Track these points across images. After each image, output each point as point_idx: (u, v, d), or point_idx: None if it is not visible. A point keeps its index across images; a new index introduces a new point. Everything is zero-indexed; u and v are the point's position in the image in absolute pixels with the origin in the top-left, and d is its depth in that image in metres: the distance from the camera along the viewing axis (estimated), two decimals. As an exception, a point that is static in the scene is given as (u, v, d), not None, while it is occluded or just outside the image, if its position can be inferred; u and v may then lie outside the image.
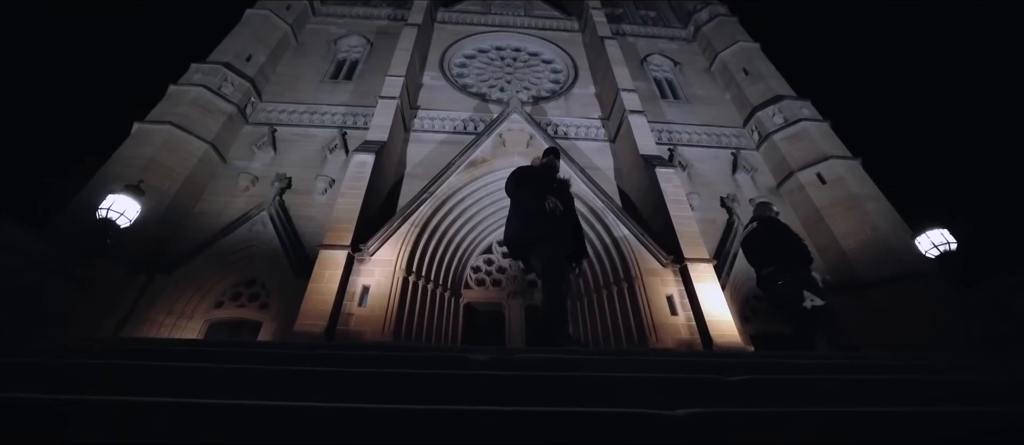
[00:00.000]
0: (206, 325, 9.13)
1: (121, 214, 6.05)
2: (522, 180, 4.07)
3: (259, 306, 9.35)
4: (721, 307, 7.90)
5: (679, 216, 9.36)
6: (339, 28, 17.57)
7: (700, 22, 19.09)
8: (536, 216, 3.68)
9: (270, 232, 9.99)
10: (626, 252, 8.84)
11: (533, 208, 3.71)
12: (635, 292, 8.29)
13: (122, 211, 6.08)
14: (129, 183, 8.30)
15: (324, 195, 11.17)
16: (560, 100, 15.35)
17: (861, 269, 10.18)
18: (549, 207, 3.61)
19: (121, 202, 6.06)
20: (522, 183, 4.03)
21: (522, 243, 3.91)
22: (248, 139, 12.56)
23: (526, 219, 3.77)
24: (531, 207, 3.74)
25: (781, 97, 14.41)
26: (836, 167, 11.98)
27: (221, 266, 9.69)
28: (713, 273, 8.46)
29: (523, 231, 3.81)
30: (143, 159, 10.20)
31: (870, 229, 10.55)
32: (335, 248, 7.89)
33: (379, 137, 10.97)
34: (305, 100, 14.12)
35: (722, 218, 11.91)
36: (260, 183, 11.40)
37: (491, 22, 18.98)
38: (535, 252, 3.82)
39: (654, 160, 11.04)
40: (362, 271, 7.87)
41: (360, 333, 7.11)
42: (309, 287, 7.37)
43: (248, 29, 14.94)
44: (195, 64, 13.03)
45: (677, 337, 7.66)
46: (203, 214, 10.75)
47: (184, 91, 12.05)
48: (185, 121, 11.27)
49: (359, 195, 8.97)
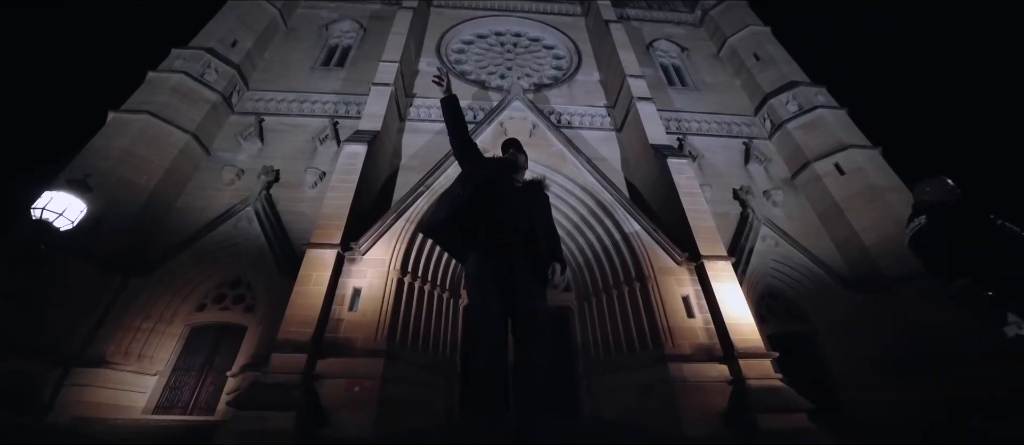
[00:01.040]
0: (187, 330, 8.52)
1: (60, 214, 5.05)
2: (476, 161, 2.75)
3: (244, 308, 8.74)
4: (742, 309, 7.33)
5: (694, 210, 8.74)
6: (331, 12, 16.72)
7: (707, 6, 18.29)
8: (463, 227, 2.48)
9: (256, 229, 9.34)
10: (637, 249, 8.23)
11: (459, 215, 2.47)
12: (648, 293, 7.70)
13: (61, 210, 5.08)
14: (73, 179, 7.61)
15: (314, 188, 10.51)
16: (563, 87, 14.63)
17: (884, 265, 9.59)
18: (482, 238, 2.41)
19: (61, 200, 5.11)
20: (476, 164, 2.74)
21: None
22: (234, 129, 11.85)
23: (446, 222, 2.52)
24: (457, 208, 2.49)
25: (795, 83, 13.72)
26: (855, 157, 11.35)
27: (204, 266, 9.06)
28: (731, 271, 7.87)
29: (442, 236, 2.67)
30: (118, 151, 9.50)
31: (893, 223, 9.94)
32: (323, 247, 7.26)
33: (372, 126, 10.28)
34: (295, 88, 13.36)
35: (735, 211, 11.31)
36: (246, 176, 10.73)
37: (490, 6, 18.13)
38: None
39: (665, 150, 10.38)
40: (353, 272, 7.25)
41: (351, 341, 6.51)
42: (294, 290, 6.75)
43: (234, 13, 14.10)
44: (176, 50, 12.25)
45: (694, 341, 7.09)
46: (185, 209, 10.08)
47: (164, 78, 11.29)
48: (165, 110, 10.54)
49: (350, 189, 8.32)
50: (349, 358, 6.34)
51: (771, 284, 10.06)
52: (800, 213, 11.63)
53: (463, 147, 2.77)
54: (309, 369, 6.08)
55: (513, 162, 2.86)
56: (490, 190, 2.53)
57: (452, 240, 2.56)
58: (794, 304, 9.88)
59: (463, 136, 2.79)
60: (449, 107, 2.88)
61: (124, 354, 7.74)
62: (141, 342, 7.97)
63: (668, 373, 6.68)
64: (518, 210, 2.52)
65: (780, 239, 10.41)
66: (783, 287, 10.03)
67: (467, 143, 2.79)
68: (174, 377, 8.10)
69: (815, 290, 9.75)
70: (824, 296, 9.69)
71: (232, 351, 8.24)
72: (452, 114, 2.85)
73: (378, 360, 6.31)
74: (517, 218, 2.47)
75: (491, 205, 2.46)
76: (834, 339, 9.20)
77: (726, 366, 6.82)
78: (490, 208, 2.45)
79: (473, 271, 2.35)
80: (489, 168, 2.70)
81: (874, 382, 8.57)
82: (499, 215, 2.44)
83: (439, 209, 2.57)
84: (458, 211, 2.44)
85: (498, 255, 2.32)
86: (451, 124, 2.80)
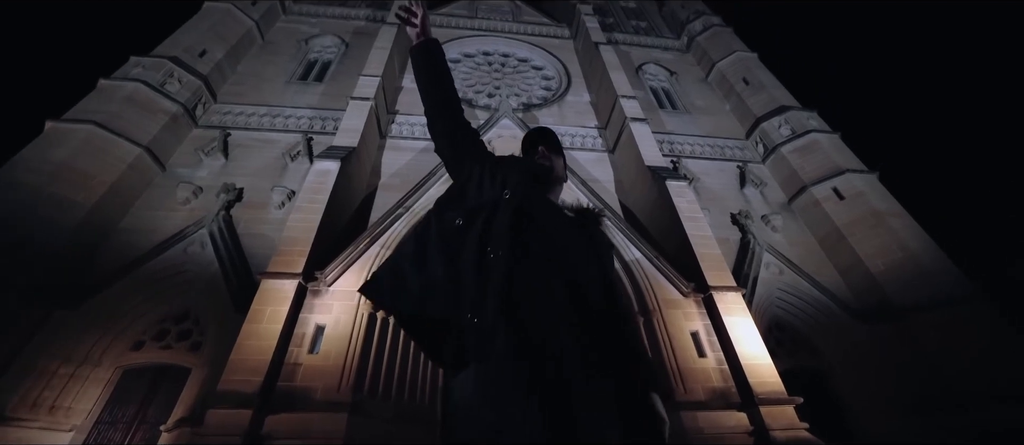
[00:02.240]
0: (118, 373, 7.23)
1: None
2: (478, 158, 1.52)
3: (189, 347, 7.53)
4: (757, 346, 6.58)
5: (698, 235, 8.10)
6: (312, 27, 16.06)
7: (694, 33, 18.43)
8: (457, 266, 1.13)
9: (209, 254, 8.23)
10: (640, 279, 7.47)
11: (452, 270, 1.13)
12: (653, 328, 6.89)
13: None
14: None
15: (281, 209, 9.48)
16: (553, 107, 14.15)
17: (893, 292, 9.08)
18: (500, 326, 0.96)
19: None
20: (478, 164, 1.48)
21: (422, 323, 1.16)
22: (195, 144, 10.80)
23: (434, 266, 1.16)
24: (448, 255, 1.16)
25: (786, 107, 13.58)
26: (854, 181, 11.04)
27: (145, 296, 7.85)
28: (742, 303, 7.17)
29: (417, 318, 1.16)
30: (52, 164, 8.35)
31: (899, 249, 9.53)
32: (281, 277, 6.24)
33: (348, 142, 9.43)
34: (268, 102, 12.46)
35: (734, 237, 10.74)
36: (205, 195, 9.65)
37: (478, 26, 17.85)
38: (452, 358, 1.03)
39: (663, 172, 9.84)
40: (316, 306, 6.22)
41: (309, 390, 5.44)
42: (243, 329, 5.68)
43: (206, 22, 13.27)
44: (136, 57, 11.25)
45: (707, 385, 6.27)
46: (130, 231, 8.89)
47: (117, 86, 10.26)
48: (113, 121, 9.47)
49: (318, 210, 7.38)
50: (306, 412, 5.25)
51: (777, 315, 9.39)
52: (801, 238, 11.16)
53: (452, 131, 1.56)
54: (254, 428, 4.97)
55: (546, 170, 1.57)
56: (511, 218, 1.17)
57: (435, 327, 1.11)
58: (803, 337, 9.21)
59: (452, 110, 1.59)
60: (426, 59, 1.63)
61: (31, 406, 6.41)
62: (57, 390, 6.64)
63: (680, 424, 5.80)
64: (571, 262, 1.17)
65: (784, 266, 9.84)
66: (790, 318, 9.37)
67: (462, 125, 1.58)
68: (96, 432, 6.76)
69: (825, 321, 9.12)
70: (835, 328, 9.06)
71: (171, 399, 6.97)
72: (433, 71, 1.61)
73: (341, 416, 5.24)
74: (569, 277, 1.12)
75: (515, 249, 1.09)
76: (849, 374, 8.52)
77: (745, 414, 5.99)
78: (514, 254, 1.08)
79: (480, 390, 0.91)
80: (504, 172, 1.38)
81: (895, 424, 7.87)
82: (534, 272, 1.08)
83: (404, 260, 1.20)
84: (449, 261, 1.13)
85: (534, 357, 0.92)
86: (429, 87, 1.60)
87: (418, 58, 1.66)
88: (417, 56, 1.66)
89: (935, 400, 7.92)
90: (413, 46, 1.68)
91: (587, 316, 1.05)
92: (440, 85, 1.62)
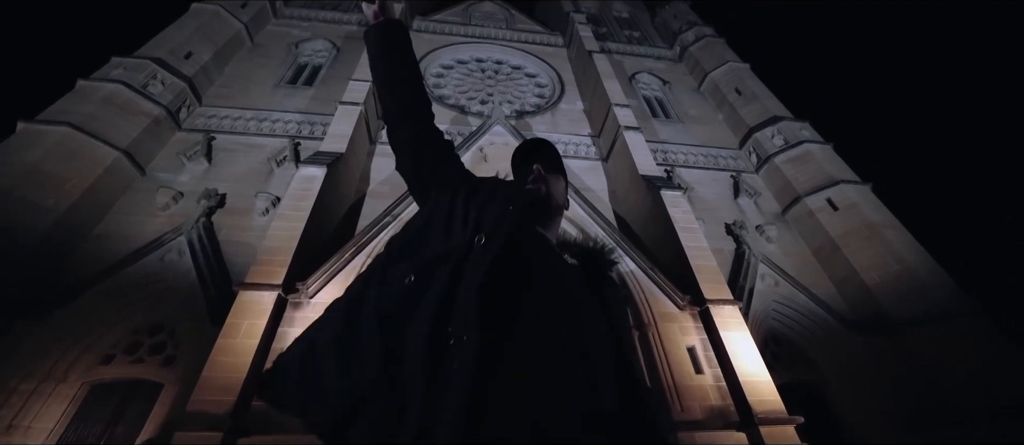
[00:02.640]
0: (85, 389, 6.81)
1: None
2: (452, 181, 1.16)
3: (162, 361, 7.12)
4: (756, 363, 6.39)
5: (693, 247, 7.94)
6: (303, 31, 15.81)
7: (686, 43, 18.52)
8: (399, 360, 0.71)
9: (187, 262, 7.87)
10: (635, 292, 7.27)
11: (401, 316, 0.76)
12: (648, 343, 6.68)
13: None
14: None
15: (265, 216, 9.15)
16: (546, 115, 14.03)
17: (889, 305, 9.00)
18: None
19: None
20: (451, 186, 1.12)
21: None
22: (178, 147, 10.44)
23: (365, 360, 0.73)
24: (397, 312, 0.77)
25: (779, 118, 13.61)
26: (848, 192, 11.01)
27: (118, 307, 7.46)
28: (740, 317, 7.00)
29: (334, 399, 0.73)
30: (22, 167, 7.97)
31: (894, 261, 9.47)
32: (260, 288, 5.93)
33: (336, 148, 9.17)
34: (255, 106, 12.15)
35: (728, 247, 10.61)
36: (185, 200, 9.29)
37: (471, 33, 17.75)
38: None
39: (657, 181, 9.70)
40: (297, 320, 5.92)
41: (286, 410, 5.12)
42: (216, 345, 5.35)
43: (194, 23, 12.96)
44: (118, 58, 10.91)
45: (705, 403, 6.05)
46: (104, 237, 8.50)
47: (96, 87, 9.90)
48: (90, 123, 9.10)
49: (302, 218, 7.09)
50: (282, 435, 4.93)
51: (774, 328, 9.24)
52: (796, 249, 11.08)
53: (418, 142, 1.21)
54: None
55: (543, 197, 1.15)
56: (485, 277, 0.75)
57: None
58: (799, 350, 9.05)
59: (420, 113, 1.24)
60: (384, 45, 1.24)
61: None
62: (15, 409, 6.22)
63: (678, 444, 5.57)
64: (579, 347, 0.75)
65: (780, 278, 9.71)
66: (786, 331, 9.22)
67: (432, 134, 1.24)
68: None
69: (822, 334, 8.99)
70: (831, 340, 8.93)
71: (141, 417, 6.58)
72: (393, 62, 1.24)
73: (319, 437, 4.92)
74: (575, 376, 0.70)
75: (489, 328, 0.68)
76: (847, 389, 8.36)
77: (744, 434, 5.78)
78: (488, 340, 0.67)
79: None
80: (482, 202, 1.02)
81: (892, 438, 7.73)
82: (521, 369, 0.66)
83: (324, 346, 0.78)
84: (387, 353, 0.72)
85: None
86: (388, 83, 1.24)
87: (373, 44, 1.24)
88: (372, 41, 1.24)
89: (931, 415, 7.81)
90: (368, 28, 1.26)
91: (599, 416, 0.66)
92: (402, 80, 1.24)
